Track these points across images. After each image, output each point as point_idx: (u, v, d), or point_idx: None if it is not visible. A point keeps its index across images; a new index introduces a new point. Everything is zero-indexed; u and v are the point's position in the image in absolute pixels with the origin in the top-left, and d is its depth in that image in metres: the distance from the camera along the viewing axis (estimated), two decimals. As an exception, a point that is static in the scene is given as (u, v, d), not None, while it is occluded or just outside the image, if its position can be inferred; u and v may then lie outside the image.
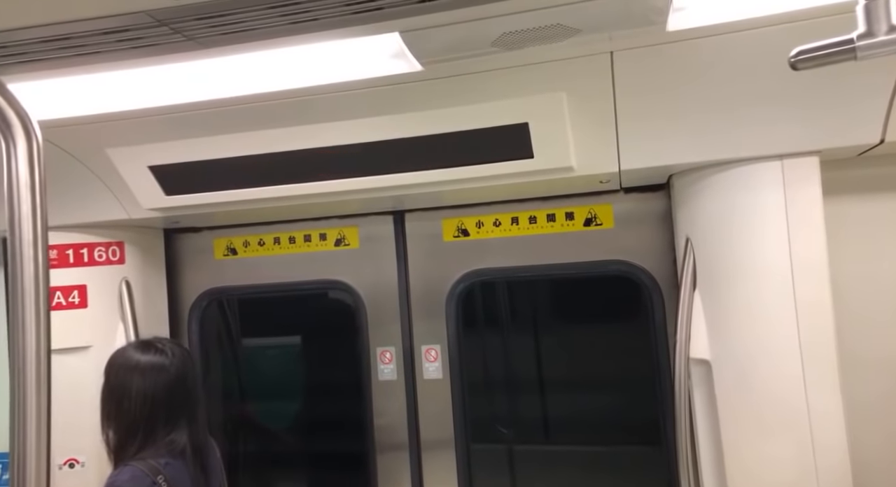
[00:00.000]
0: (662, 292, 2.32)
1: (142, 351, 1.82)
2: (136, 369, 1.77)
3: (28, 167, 0.91)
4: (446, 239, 2.53)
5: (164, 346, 1.84)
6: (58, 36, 1.29)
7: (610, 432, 2.68)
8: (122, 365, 1.81)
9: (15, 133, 0.91)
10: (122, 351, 1.88)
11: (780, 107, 1.76)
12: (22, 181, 0.90)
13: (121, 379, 1.78)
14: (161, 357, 1.80)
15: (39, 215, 0.92)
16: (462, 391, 2.52)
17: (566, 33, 1.48)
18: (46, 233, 0.92)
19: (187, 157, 2.05)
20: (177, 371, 1.79)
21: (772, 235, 1.85)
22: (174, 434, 1.73)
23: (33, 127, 0.92)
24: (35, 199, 0.91)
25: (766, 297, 1.85)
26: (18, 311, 0.91)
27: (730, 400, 1.92)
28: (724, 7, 1.43)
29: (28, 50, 1.36)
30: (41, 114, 1.85)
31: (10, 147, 0.90)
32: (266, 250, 2.71)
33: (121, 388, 1.76)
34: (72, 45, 1.34)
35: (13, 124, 0.90)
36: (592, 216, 2.41)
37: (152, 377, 1.76)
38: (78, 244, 2.46)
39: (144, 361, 1.78)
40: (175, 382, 1.78)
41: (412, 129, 1.91)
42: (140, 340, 1.93)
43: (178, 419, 1.75)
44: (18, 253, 0.90)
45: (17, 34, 1.28)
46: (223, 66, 1.60)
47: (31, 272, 0.91)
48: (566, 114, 1.82)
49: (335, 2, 1.24)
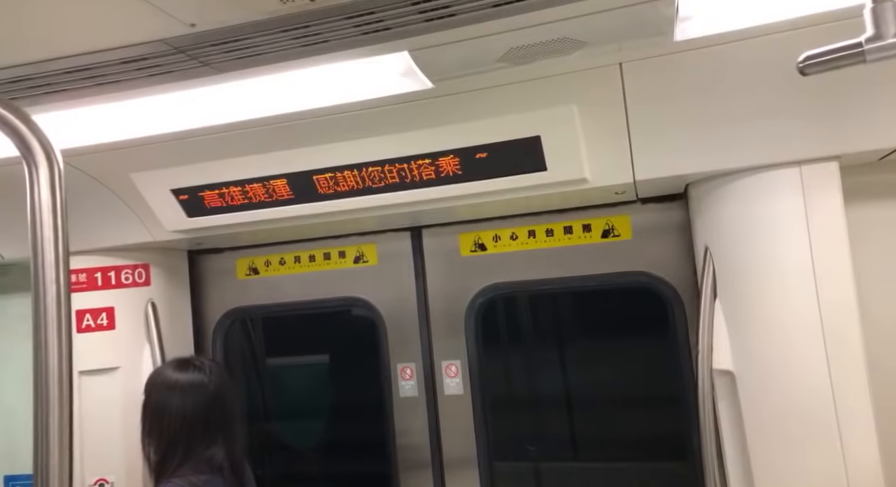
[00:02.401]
0: (683, 303, 2.29)
1: (181, 369, 1.87)
2: (176, 386, 1.82)
3: (50, 192, 0.95)
4: (463, 253, 2.54)
5: (202, 364, 1.89)
6: (80, 67, 1.35)
7: (636, 447, 2.63)
8: (161, 382, 1.86)
9: (38, 159, 0.95)
10: (162, 370, 1.93)
11: (797, 112, 1.74)
12: (44, 205, 0.94)
13: (161, 397, 1.83)
14: (200, 374, 1.85)
15: (61, 238, 0.95)
16: (483, 407, 2.51)
17: (573, 46, 1.49)
18: (68, 255, 0.95)
19: (207, 180, 2.10)
20: (215, 387, 1.84)
21: (793, 242, 1.82)
22: (212, 450, 1.76)
23: (55, 154, 0.96)
24: (57, 222, 0.95)
25: (789, 305, 1.81)
26: (41, 332, 0.94)
27: (755, 411, 1.88)
28: (731, 15, 1.43)
29: (53, 81, 1.42)
30: (68, 143, 1.93)
31: (32, 173, 0.94)
32: (287, 269, 2.75)
33: (161, 406, 1.81)
34: (94, 75, 1.39)
35: (36, 151, 0.94)
36: (610, 227, 2.40)
37: (192, 394, 1.80)
38: (106, 267, 2.53)
39: (184, 379, 1.83)
40: (213, 399, 1.82)
41: (425, 146, 1.93)
42: (178, 358, 1.98)
43: (216, 435, 1.79)
44: (41, 275, 0.93)
45: (43, 66, 1.34)
46: (240, 90, 1.65)
47: (54, 293, 0.94)
48: (578, 126, 1.82)
49: (344, 24, 1.27)
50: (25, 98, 1.51)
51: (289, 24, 1.24)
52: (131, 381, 2.51)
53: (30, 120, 0.94)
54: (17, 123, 0.91)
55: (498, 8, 1.26)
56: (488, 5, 1.25)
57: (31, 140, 0.94)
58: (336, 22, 1.26)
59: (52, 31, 1.24)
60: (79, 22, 1.22)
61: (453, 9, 1.25)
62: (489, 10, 1.27)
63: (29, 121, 0.94)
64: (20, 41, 1.27)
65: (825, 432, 1.74)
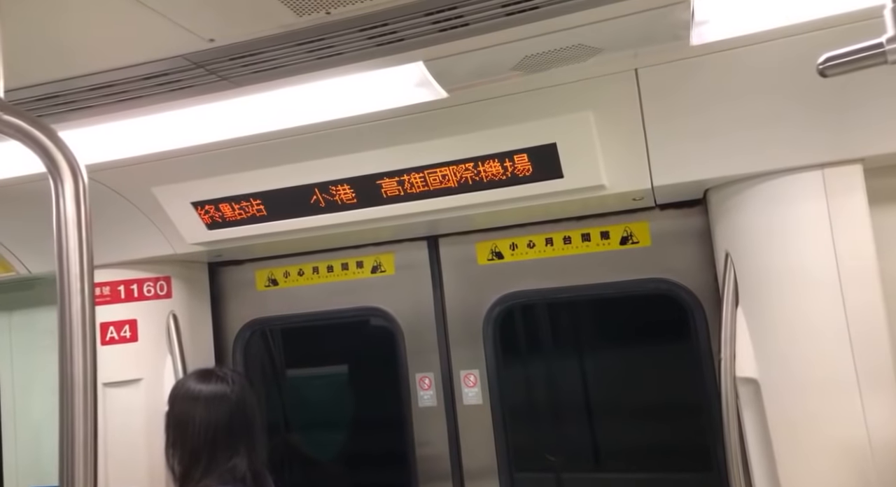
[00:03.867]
0: (705, 310, 2.26)
1: (203, 380, 1.90)
2: (199, 397, 1.85)
3: (75, 205, 0.97)
4: (481, 262, 2.54)
5: (224, 374, 1.92)
6: (104, 83, 1.38)
7: (659, 457, 2.58)
8: (185, 394, 1.89)
9: (63, 174, 0.97)
10: (184, 381, 1.96)
11: (818, 115, 1.72)
12: (70, 218, 0.96)
13: (184, 408, 1.86)
14: (222, 385, 1.87)
15: (86, 250, 0.97)
16: (503, 416, 2.49)
17: (588, 53, 1.49)
18: (92, 267, 0.97)
19: (226, 192, 2.13)
20: (237, 398, 1.87)
21: (817, 247, 1.78)
22: (235, 460, 1.78)
23: (80, 168, 0.98)
24: (81, 236, 0.97)
25: (814, 311, 1.78)
26: (67, 342, 0.96)
27: (781, 421, 1.84)
28: (748, 18, 1.41)
29: (79, 98, 1.46)
30: (92, 158, 1.97)
31: (58, 187, 0.96)
32: (305, 280, 2.77)
33: (184, 417, 1.84)
34: (116, 91, 1.43)
35: (61, 166, 0.96)
36: (628, 234, 2.38)
37: (214, 405, 1.83)
38: (128, 280, 2.57)
39: (206, 390, 1.86)
40: (236, 409, 1.85)
41: (442, 155, 1.94)
42: (201, 369, 2.01)
43: (239, 445, 1.81)
44: (67, 286, 0.95)
45: (69, 84, 1.38)
46: (258, 103, 1.67)
47: (79, 304, 0.96)
48: (594, 132, 1.82)
49: (358, 36, 1.29)
50: (53, 115, 1.55)
51: (304, 37, 1.26)
52: (154, 392, 2.55)
53: (56, 136, 0.97)
54: (43, 139, 0.94)
55: (511, 17, 1.26)
56: (501, 14, 1.25)
57: (57, 155, 0.96)
58: (350, 34, 1.27)
59: (77, 49, 1.28)
60: (102, 40, 1.25)
61: (466, 18, 1.26)
62: (502, 19, 1.27)
63: (55, 137, 0.96)
64: (47, 60, 1.31)
65: (854, 442, 1.70)
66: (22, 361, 3.15)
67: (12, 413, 3.14)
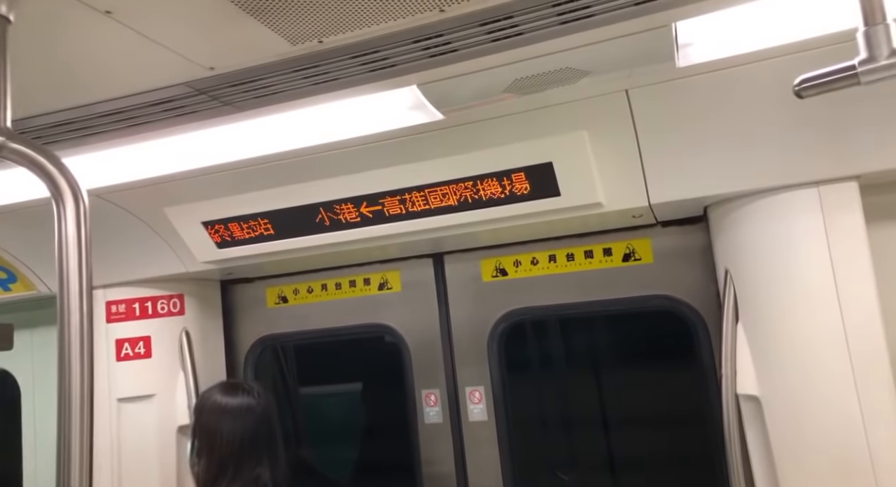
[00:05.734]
0: (708, 326, 2.25)
1: (231, 392, 1.99)
2: (227, 409, 1.93)
3: (76, 227, 1.03)
4: (485, 279, 2.56)
5: (250, 388, 2.01)
6: (112, 110, 1.46)
7: (665, 474, 2.56)
8: (214, 405, 1.96)
9: (65, 197, 1.03)
10: (212, 393, 2.03)
11: (812, 132, 1.73)
12: (70, 239, 1.02)
13: (213, 419, 1.93)
14: (249, 397, 1.96)
15: (85, 269, 1.02)
16: (508, 433, 2.49)
17: (576, 75, 1.53)
18: (91, 285, 1.03)
19: (234, 212, 2.19)
20: (262, 410, 1.96)
21: (814, 263, 1.78)
22: (259, 469, 1.86)
23: (81, 191, 1.04)
24: (81, 255, 1.02)
25: (812, 327, 1.77)
26: (65, 358, 1.00)
27: (783, 439, 1.82)
28: (731, 40, 1.44)
29: (89, 124, 1.54)
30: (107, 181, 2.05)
31: (60, 209, 1.02)
32: (314, 297, 2.82)
33: (212, 427, 1.92)
34: (125, 117, 1.50)
35: (63, 189, 1.03)
36: (631, 251, 2.39)
37: (242, 416, 1.91)
38: (143, 298, 2.64)
39: (234, 402, 1.94)
40: (261, 421, 1.93)
41: (442, 174, 1.98)
42: (227, 382, 2.11)
43: (262, 455, 1.89)
44: (66, 304, 1.00)
45: (78, 112, 1.46)
46: (260, 127, 1.74)
47: (77, 321, 1.01)
48: (589, 151, 1.85)
49: (351, 63, 1.34)
50: (66, 141, 1.63)
51: (299, 64, 1.32)
52: (166, 408, 2.60)
53: (58, 161, 1.03)
54: (45, 164, 1.00)
55: (497, 43, 1.31)
56: (486, 40, 1.30)
57: (59, 179, 1.02)
58: (344, 61, 1.33)
59: (86, 78, 1.35)
60: (109, 69, 1.32)
61: (454, 44, 1.31)
62: (488, 45, 1.32)
63: (57, 162, 1.03)
64: (58, 89, 1.39)
65: (856, 460, 1.68)
66: (43, 377, 3.24)
67: (32, 428, 3.23)
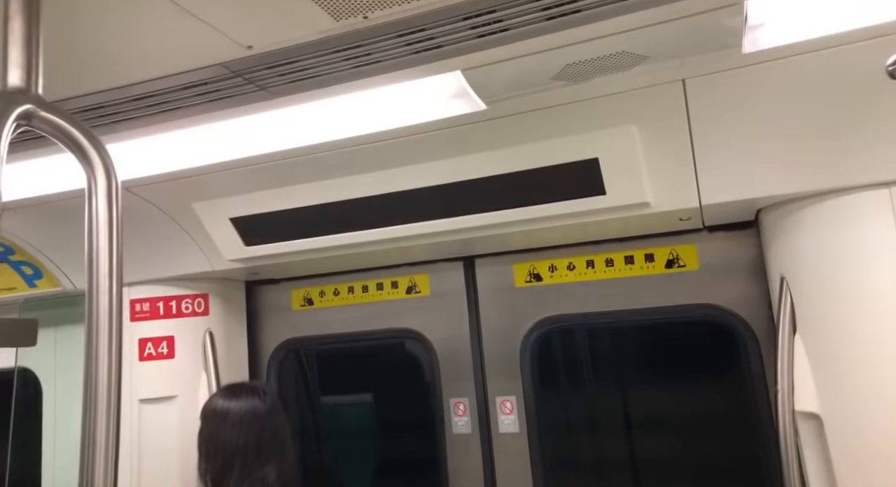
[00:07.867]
0: (758, 338, 2.12)
1: (235, 394, 2.01)
2: (230, 414, 1.95)
3: (107, 204, 0.96)
4: (518, 284, 2.46)
5: (254, 388, 2.04)
6: (143, 94, 1.40)
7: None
8: (218, 407, 1.98)
9: (97, 173, 0.96)
10: (217, 396, 2.06)
11: (884, 127, 1.60)
12: (101, 216, 0.95)
13: (217, 421, 1.95)
14: (254, 398, 1.98)
15: (115, 248, 0.96)
16: (540, 446, 2.37)
17: (633, 61, 1.44)
18: (121, 266, 0.95)
19: (264, 208, 2.13)
20: (268, 410, 1.98)
21: (883, 271, 1.65)
22: (266, 470, 1.87)
23: (113, 168, 0.97)
24: (112, 233, 0.96)
25: (881, 341, 1.64)
26: (93, 342, 0.93)
27: (847, 461, 1.68)
28: (807, 22, 1.33)
29: (120, 109, 1.49)
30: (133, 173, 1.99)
31: (91, 185, 0.95)
32: (341, 300, 2.75)
33: (217, 429, 1.94)
34: (157, 101, 1.45)
35: (95, 164, 0.96)
36: (675, 257, 2.28)
37: (247, 417, 1.93)
38: (167, 297, 2.59)
39: (237, 406, 1.96)
40: (266, 421, 1.95)
41: (479, 170, 1.90)
42: (231, 384, 2.12)
43: (269, 456, 1.90)
44: (95, 283, 0.93)
45: (109, 95, 1.40)
46: (293, 116, 1.68)
47: (106, 303, 0.94)
48: (638, 147, 1.75)
49: (396, 42, 1.27)
50: (95, 127, 1.58)
51: (341, 43, 1.25)
52: (188, 410, 2.53)
53: (91, 134, 0.97)
54: (77, 135, 0.93)
55: (552, 21, 1.23)
56: (542, 18, 1.22)
57: (91, 152, 0.95)
58: (388, 40, 1.26)
59: (118, 59, 1.30)
60: (143, 48, 1.26)
61: (506, 23, 1.23)
62: (543, 24, 1.24)
63: (90, 135, 0.96)
64: (89, 70, 1.34)
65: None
66: (65, 377, 3.20)
67: (53, 427, 3.18)
